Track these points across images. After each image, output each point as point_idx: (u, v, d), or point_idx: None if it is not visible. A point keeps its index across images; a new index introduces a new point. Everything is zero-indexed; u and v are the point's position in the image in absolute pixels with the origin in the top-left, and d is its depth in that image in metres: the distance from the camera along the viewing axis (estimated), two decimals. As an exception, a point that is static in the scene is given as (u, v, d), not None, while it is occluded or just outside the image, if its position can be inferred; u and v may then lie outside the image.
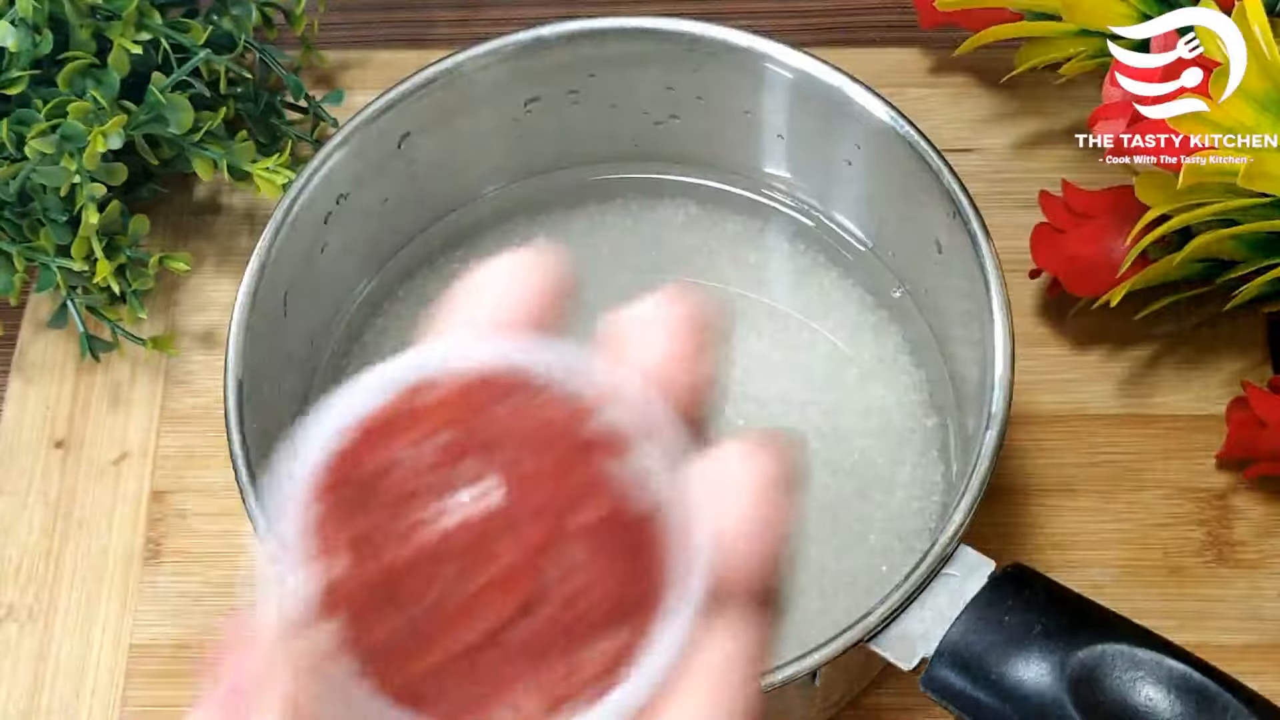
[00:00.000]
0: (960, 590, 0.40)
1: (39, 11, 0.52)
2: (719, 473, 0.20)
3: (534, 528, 0.19)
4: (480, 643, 0.19)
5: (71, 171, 0.51)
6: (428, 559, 0.19)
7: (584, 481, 0.19)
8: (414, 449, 0.19)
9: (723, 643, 0.19)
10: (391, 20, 0.65)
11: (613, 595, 0.19)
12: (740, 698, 0.20)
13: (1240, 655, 0.48)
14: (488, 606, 0.19)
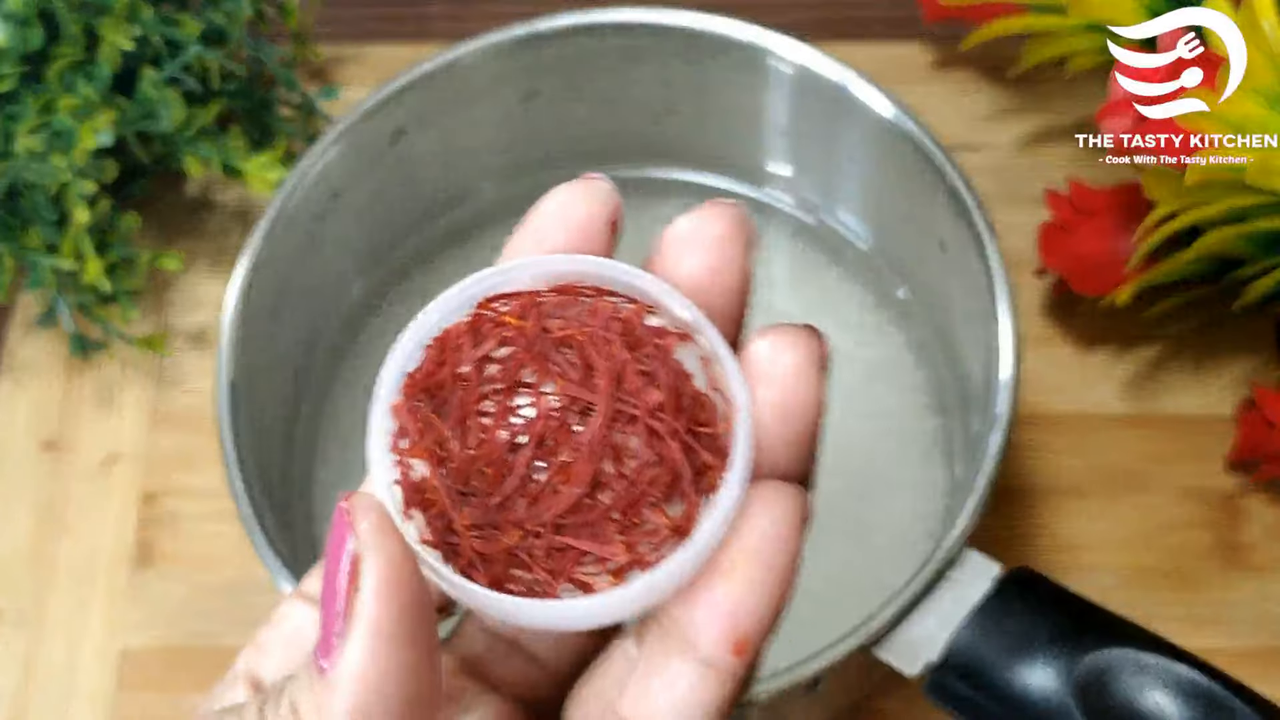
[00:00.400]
0: (965, 594, 0.39)
1: (28, 6, 0.51)
2: (756, 362, 0.23)
3: (597, 416, 0.21)
4: (554, 523, 0.21)
5: (61, 169, 0.50)
6: (502, 453, 0.21)
7: (638, 373, 0.22)
8: (485, 357, 0.22)
9: (768, 512, 0.22)
10: (386, 14, 0.64)
11: (668, 473, 0.21)
12: (785, 565, 0.22)
13: (1250, 660, 0.47)
14: (559, 490, 0.21)
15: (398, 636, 0.21)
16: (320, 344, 0.52)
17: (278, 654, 0.25)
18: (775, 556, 0.22)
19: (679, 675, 0.22)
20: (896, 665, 0.39)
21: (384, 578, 0.21)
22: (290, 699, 0.22)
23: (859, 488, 0.49)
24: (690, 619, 0.22)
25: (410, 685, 0.21)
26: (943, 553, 0.40)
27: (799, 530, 0.22)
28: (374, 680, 0.21)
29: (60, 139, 0.51)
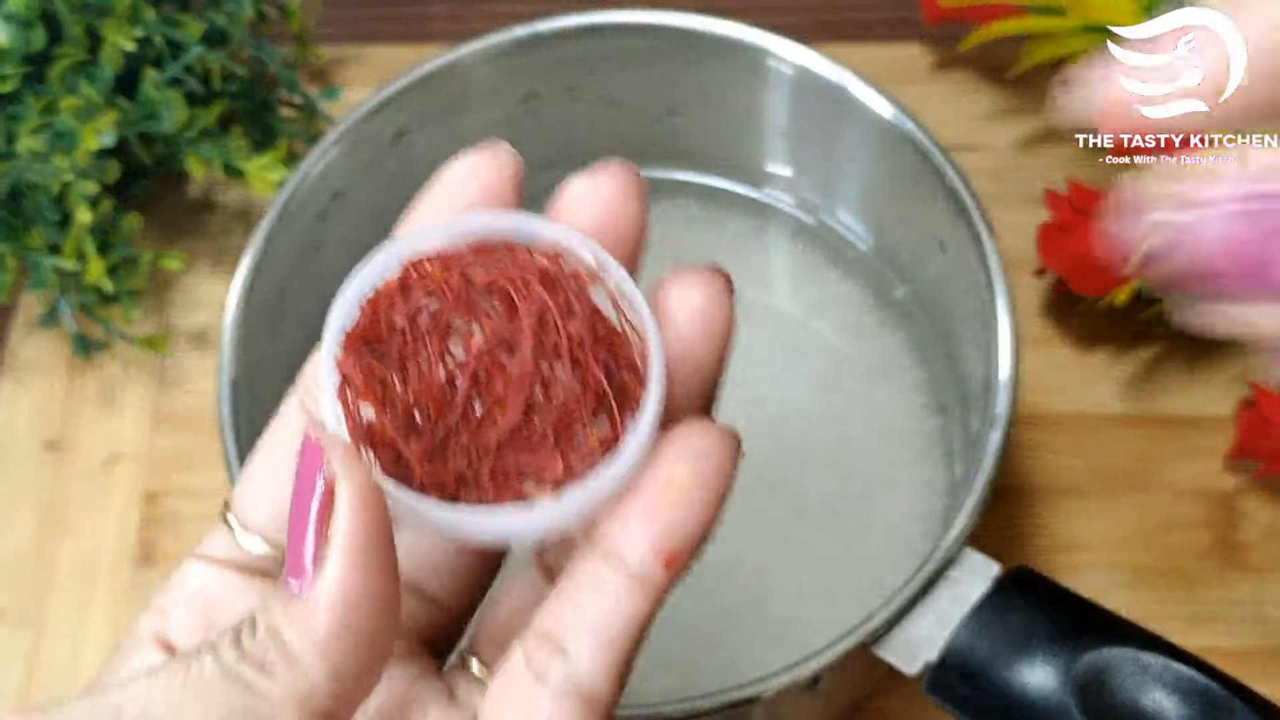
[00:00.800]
0: (964, 594, 0.39)
1: (31, 7, 0.51)
2: (664, 303, 0.25)
3: (524, 348, 0.23)
4: (496, 446, 0.23)
5: (63, 169, 0.50)
6: (441, 389, 0.23)
7: (560, 306, 0.24)
8: (416, 309, 0.24)
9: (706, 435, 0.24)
10: (387, 16, 0.64)
11: (593, 395, 0.24)
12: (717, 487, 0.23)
13: (1248, 659, 0.47)
14: (497, 418, 0.23)
15: (371, 553, 0.22)
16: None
17: (183, 615, 0.26)
18: (711, 478, 0.23)
19: (606, 586, 0.23)
20: (896, 664, 0.39)
21: (357, 500, 0.22)
22: (267, 624, 0.23)
23: (858, 487, 0.49)
24: (623, 533, 0.23)
25: (381, 603, 0.22)
26: (942, 552, 0.40)
27: (733, 456, 0.24)
28: (352, 595, 0.22)
29: (62, 139, 0.51)
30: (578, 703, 0.23)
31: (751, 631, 0.47)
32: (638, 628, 0.24)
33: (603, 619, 0.23)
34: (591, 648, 0.23)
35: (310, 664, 0.22)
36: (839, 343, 0.53)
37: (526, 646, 0.24)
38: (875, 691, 0.49)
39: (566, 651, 0.23)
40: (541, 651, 0.24)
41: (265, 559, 0.27)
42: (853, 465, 0.50)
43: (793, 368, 0.52)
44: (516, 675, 0.24)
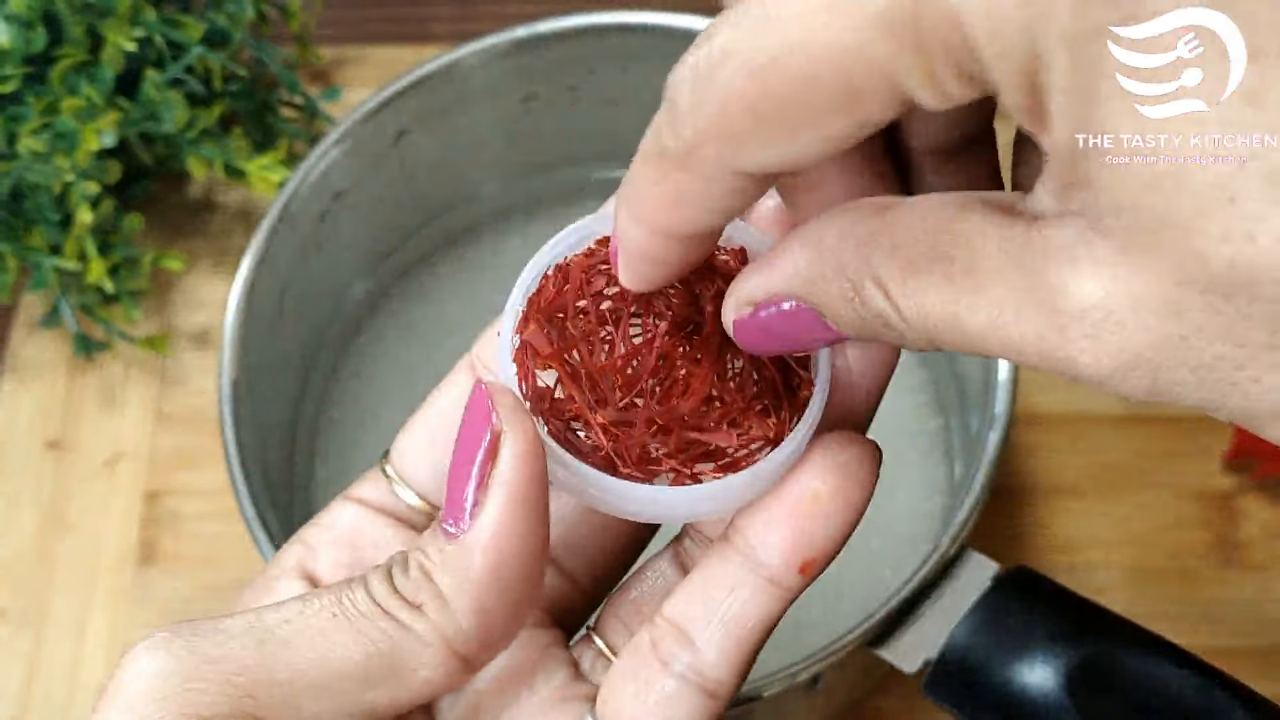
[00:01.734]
0: (963, 593, 0.39)
1: (32, 8, 0.51)
2: None
3: (711, 334, 0.24)
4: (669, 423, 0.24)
5: (65, 170, 0.51)
6: (621, 363, 0.24)
7: None
8: (599, 292, 0.24)
9: (849, 449, 0.25)
10: (388, 16, 0.64)
11: (769, 389, 0.24)
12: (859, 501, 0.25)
13: (1247, 659, 0.48)
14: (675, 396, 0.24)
15: (528, 504, 0.23)
16: (322, 344, 0.52)
17: (330, 553, 0.27)
18: (853, 492, 0.24)
19: (741, 585, 0.24)
20: (896, 663, 0.39)
21: (521, 451, 0.23)
22: (420, 564, 0.23)
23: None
24: (764, 536, 0.24)
25: (531, 555, 0.23)
26: (941, 552, 0.40)
27: (874, 472, 0.25)
28: (506, 542, 0.23)
29: (63, 140, 0.51)
30: (698, 691, 0.24)
31: (751, 631, 0.47)
32: (766, 628, 0.24)
33: (734, 616, 0.24)
34: (719, 641, 0.24)
35: (460, 605, 0.23)
36: (839, 343, 0.53)
37: (655, 631, 0.25)
38: (875, 690, 0.49)
39: (694, 642, 0.24)
40: (669, 638, 0.24)
41: (416, 512, 0.27)
42: (852, 465, 0.50)
43: (792, 368, 0.52)
44: (643, 657, 0.25)
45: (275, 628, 0.23)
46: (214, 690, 0.22)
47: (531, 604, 0.24)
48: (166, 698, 0.22)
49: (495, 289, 0.54)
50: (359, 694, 0.23)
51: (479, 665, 0.24)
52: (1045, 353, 0.21)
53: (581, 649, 0.27)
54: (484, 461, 0.23)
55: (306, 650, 0.23)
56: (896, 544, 0.48)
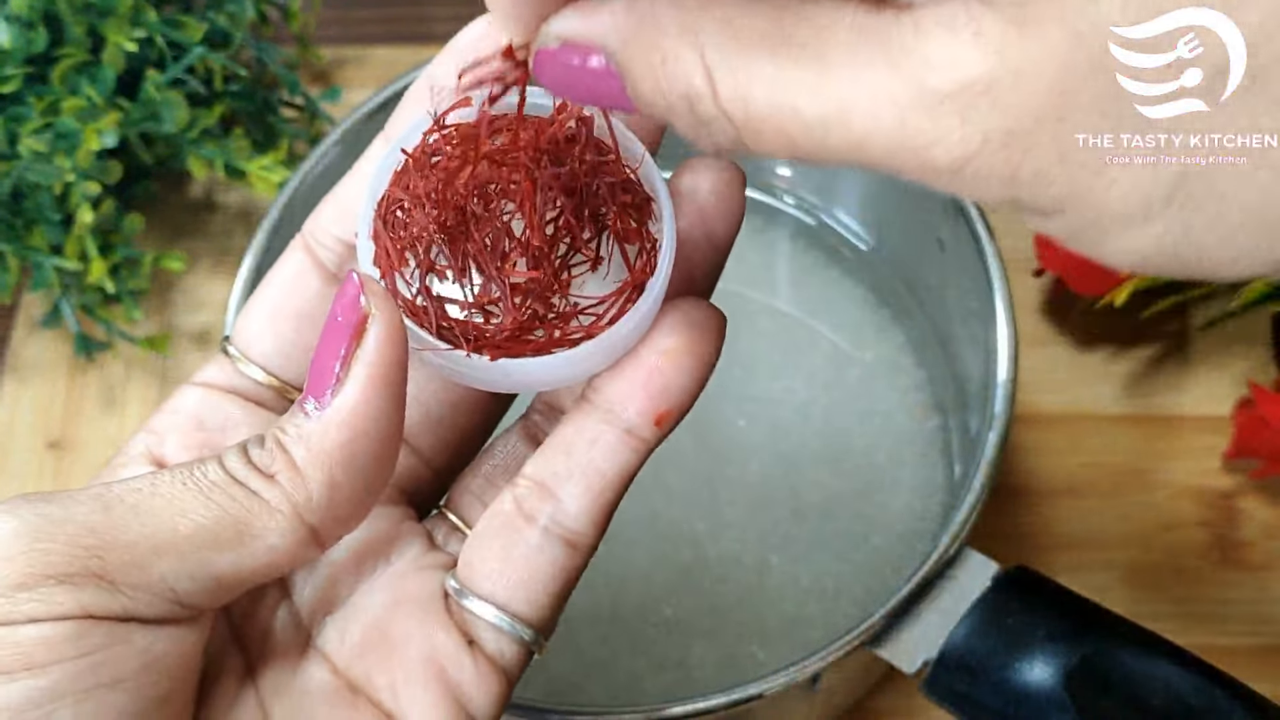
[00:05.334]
0: (963, 593, 0.39)
1: (33, 8, 0.51)
2: (680, 182, 0.27)
3: (548, 203, 0.25)
4: (520, 295, 0.25)
5: (65, 170, 0.51)
6: (469, 244, 0.25)
7: (582, 170, 0.25)
8: (441, 173, 0.25)
9: (698, 310, 0.26)
10: (388, 17, 0.64)
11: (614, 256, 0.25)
12: (709, 355, 0.25)
13: (1246, 658, 0.48)
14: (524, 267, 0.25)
15: (388, 385, 0.24)
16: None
17: (177, 437, 0.27)
18: (702, 348, 0.25)
19: (602, 439, 0.25)
20: (895, 663, 0.39)
21: (385, 334, 0.24)
22: (275, 438, 0.24)
23: (858, 487, 0.50)
24: (621, 392, 0.25)
25: (385, 435, 0.24)
26: (941, 551, 0.40)
27: (721, 331, 0.26)
28: (362, 420, 0.24)
29: (64, 140, 0.51)
30: (561, 543, 0.25)
31: (751, 630, 0.47)
32: (625, 479, 0.26)
33: (595, 468, 0.25)
34: (580, 494, 0.25)
35: (312, 475, 0.24)
36: (839, 343, 0.53)
37: (517, 491, 0.26)
38: (874, 690, 0.49)
39: (557, 496, 0.25)
40: (532, 495, 0.26)
41: (262, 388, 0.28)
42: (853, 465, 0.50)
43: (793, 368, 0.52)
44: (506, 516, 0.26)
45: (124, 495, 0.23)
46: (61, 550, 0.23)
47: (383, 482, 0.25)
48: (13, 557, 0.22)
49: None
50: (207, 557, 0.23)
51: (329, 539, 0.25)
52: (900, 140, 0.20)
53: (435, 524, 0.28)
54: (349, 344, 0.24)
55: (155, 515, 0.23)
56: (896, 544, 0.49)
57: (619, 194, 0.26)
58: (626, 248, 0.26)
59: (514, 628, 0.26)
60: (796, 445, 0.50)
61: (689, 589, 0.48)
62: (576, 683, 0.47)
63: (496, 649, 0.26)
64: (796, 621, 0.47)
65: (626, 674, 0.47)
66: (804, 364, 0.52)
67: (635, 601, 0.48)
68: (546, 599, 0.26)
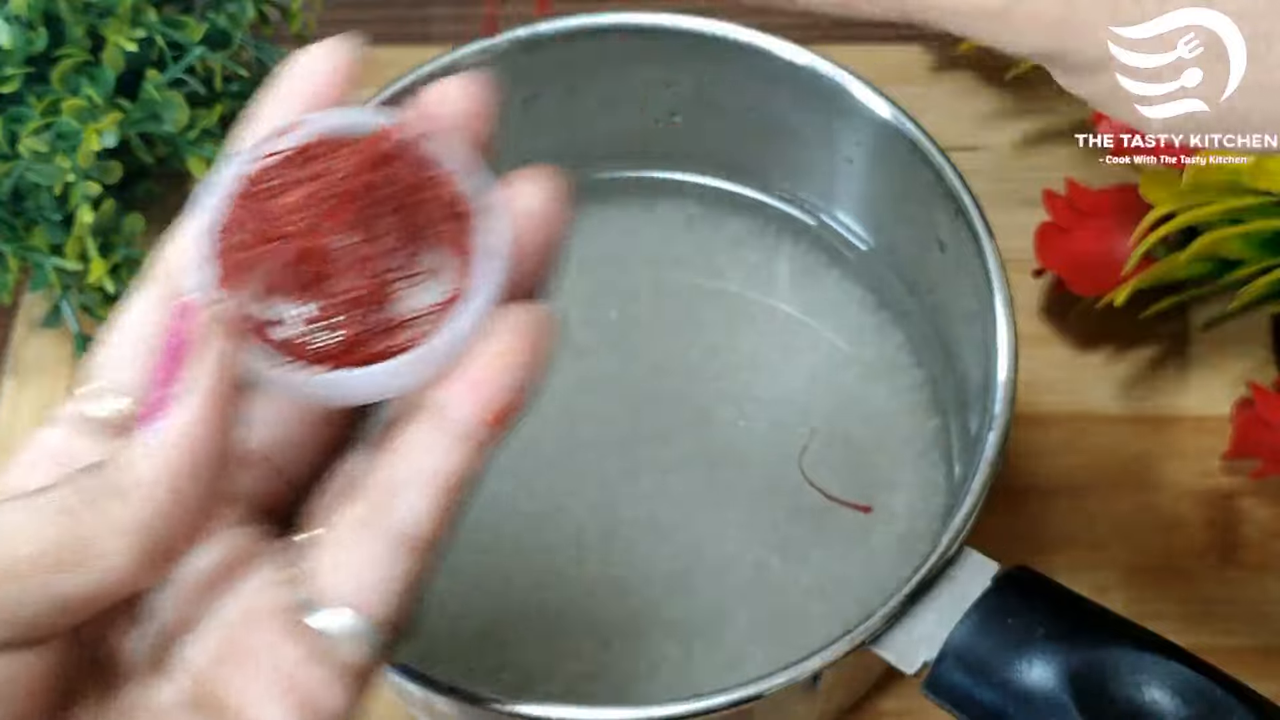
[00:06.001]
0: (963, 593, 0.39)
1: (33, 8, 0.52)
2: (510, 193, 0.28)
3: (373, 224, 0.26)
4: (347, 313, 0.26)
5: (66, 170, 0.51)
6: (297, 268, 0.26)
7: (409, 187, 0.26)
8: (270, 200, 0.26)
9: (526, 314, 0.26)
10: (388, 17, 0.64)
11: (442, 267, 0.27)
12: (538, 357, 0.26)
13: (1246, 658, 0.47)
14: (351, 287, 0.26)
15: (221, 404, 0.25)
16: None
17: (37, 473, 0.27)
18: (532, 350, 0.26)
19: (437, 444, 0.26)
20: (895, 663, 0.39)
21: (222, 353, 0.25)
22: (116, 460, 0.25)
23: (858, 487, 0.50)
24: (454, 397, 0.26)
25: (220, 453, 0.25)
26: (941, 551, 0.40)
27: (551, 333, 0.27)
28: (197, 440, 0.25)
29: (64, 140, 0.51)
30: (406, 548, 0.26)
31: (751, 630, 0.47)
32: (463, 482, 0.26)
33: (433, 472, 0.26)
34: (421, 498, 0.26)
35: (153, 494, 0.24)
36: (839, 342, 0.53)
37: (359, 500, 0.26)
38: (874, 690, 0.49)
39: (398, 501, 0.26)
40: (375, 503, 0.26)
41: (115, 417, 0.28)
42: (853, 465, 0.50)
43: (793, 368, 0.52)
44: (349, 525, 0.26)
45: None
46: None
47: (220, 500, 0.26)
48: None
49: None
50: (48, 581, 0.24)
51: (170, 558, 0.25)
52: None
53: (291, 540, 0.29)
54: (181, 366, 0.25)
55: None
56: (896, 543, 0.49)
57: (445, 207, 0.27)
58: (454, 259, 0.27)
59: (364, 632, 0.26)
60: (796, 445, 0.50)
61: (689, 589, 0.48)
62: (577, 683, 0.47)
63: (347, 655, 0.26)
64: (796, 621, 0.47)
65: (626, 674, 0.47)
66: (803, 365, 0.52)
67: (635, 601, 0.48)
68: (393, 603, 0.26)
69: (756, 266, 0.55)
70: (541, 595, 0.48)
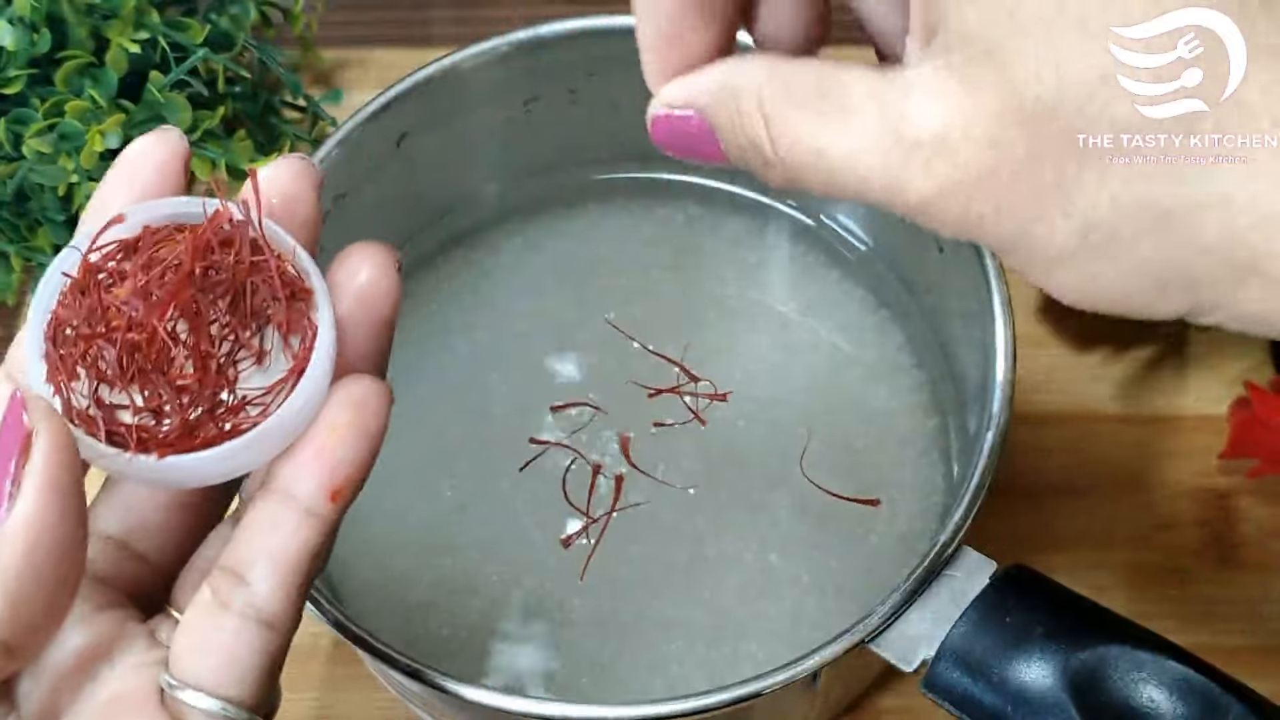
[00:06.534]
0: (961, 591, 0.39)
1: (37, 10, 0.52)
2: (336, 273, 0.29)
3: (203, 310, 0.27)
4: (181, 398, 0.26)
5: (69, 171, 0.51)
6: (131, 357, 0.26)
7: (237, 273, 0.27)
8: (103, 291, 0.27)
9: (359, 387, 0.27)
10: (390, 19, 0.64)
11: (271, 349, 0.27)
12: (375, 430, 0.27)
13: (1243, 657, 0.48)
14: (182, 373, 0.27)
15: (60, 495, 0.25)
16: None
17: None
18: (367, 422, 0.27)
19: (282, 521, 0.27)
20: (894, 661, 0.40)
21: (54, 445, 0.25)
22: None
23: (857, 486, 0.50)
24: (294, 473, 0.27)
25: (65, 544, 0.25)
26: (939, 550, 0.40)
27: (386, 405, 0.28)
28: (39, 532, 0.25)
29: (68, 141, 0.51)
30: (258, 625, 0.26)
31: (751, 630, 0.47)
32: (310, 556, 0.27)
33: (278, 550, 0.27)
34: (268, 576, 0.27)
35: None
36: (839, 343, 0.53)
37: (213, 581, 0.27)
38: (873, 688, 0.49)
39: (247, 581, 0.26)
40: (225, 583, 0.26)
41: None
42: (852, 465, 0.50)
43: (793, 368, 0.52)
44: (204, 606, 0.27)
45: None
46: None
47: (69, 593, 0.26)
48: None
49: (495, 291, 0.54)
50: None
51: (25, 652, 0.25)
52: (887, 182, 0.25)
53: (159, 621, 0.29)
54: (18, 460, 0.25)
55: None
56: (895, 543, 0.49)
57: (276, 289, 0.27)
58: (289, 338, 0.27)
59: (227, 712, 0.26)
60: (796, 445, 0.50)
61: (689, 589, 0.48)
62: (577, 682, 0.47)
63: None
64: (796, 620, 0.48)
65: (626, 674, 0.47)
66: (803, 365, 0.53)
67: (635, 601, 0.48)
68: (254, 678, 0.27)
69: (756, 267, 0.55)
70: (541, 594, 0.48)
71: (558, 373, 0.52)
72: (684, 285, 0.54)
